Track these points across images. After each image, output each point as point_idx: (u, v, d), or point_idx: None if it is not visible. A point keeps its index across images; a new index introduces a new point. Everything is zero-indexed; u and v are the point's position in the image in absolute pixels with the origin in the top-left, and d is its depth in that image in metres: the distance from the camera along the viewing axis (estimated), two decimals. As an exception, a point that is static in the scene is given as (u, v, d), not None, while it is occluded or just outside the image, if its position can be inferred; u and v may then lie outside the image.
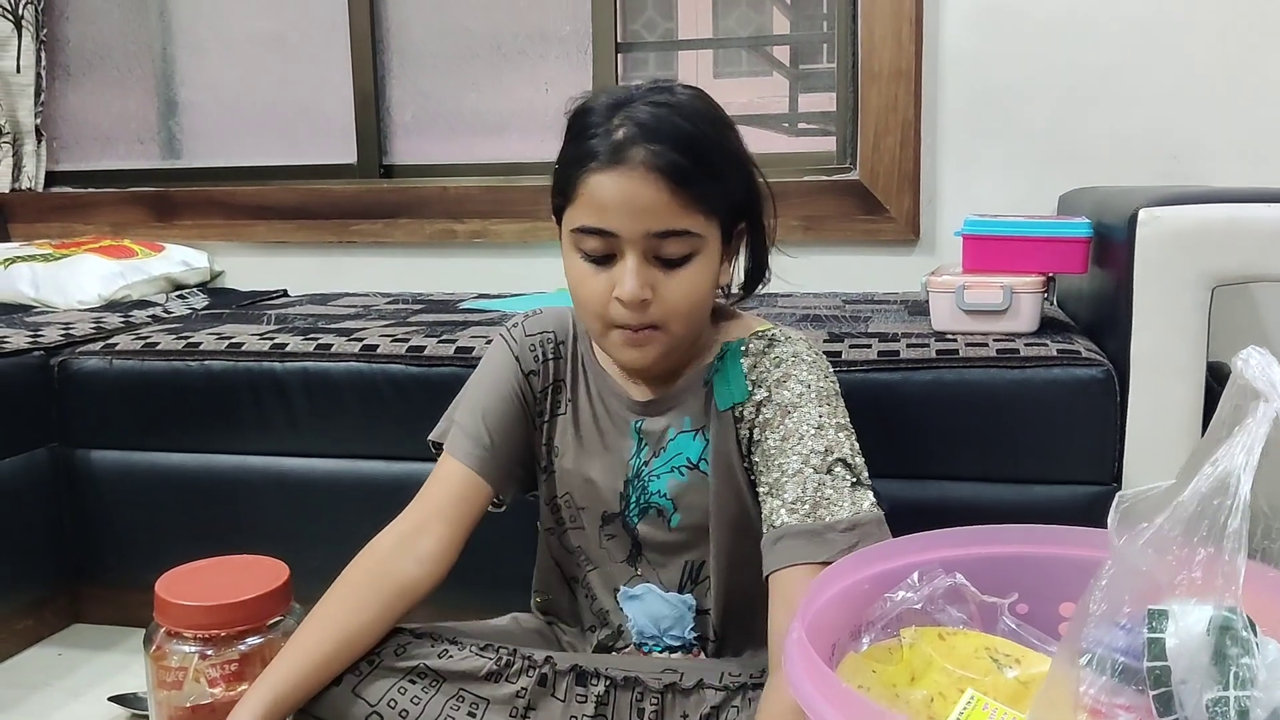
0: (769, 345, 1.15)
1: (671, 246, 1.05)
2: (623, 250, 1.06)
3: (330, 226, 2.61)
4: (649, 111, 1.04)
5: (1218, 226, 1.42)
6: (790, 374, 1.12)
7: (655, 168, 1.02)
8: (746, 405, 1.13)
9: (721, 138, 1.09)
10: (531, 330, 1.25)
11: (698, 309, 1.10)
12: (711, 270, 1.10)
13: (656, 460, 1.18)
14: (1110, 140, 2.18)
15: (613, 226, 1.05)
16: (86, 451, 1.81)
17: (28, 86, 2.74)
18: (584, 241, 1.07)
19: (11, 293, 2.36)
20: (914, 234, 2.29)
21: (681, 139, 1.03)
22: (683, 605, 1.20)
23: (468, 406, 1.23)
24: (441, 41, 2.66)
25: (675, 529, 1.18)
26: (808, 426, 1.08)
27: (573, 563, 1.27)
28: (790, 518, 1.05)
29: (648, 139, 1.03)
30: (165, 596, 1.28)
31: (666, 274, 1.07)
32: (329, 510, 1.71)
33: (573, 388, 1.22)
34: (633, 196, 1.03)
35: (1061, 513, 1.47)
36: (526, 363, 1.23)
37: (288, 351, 1.73)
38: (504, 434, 1.21)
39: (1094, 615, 0.70)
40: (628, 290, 1.05)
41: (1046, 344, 1.53)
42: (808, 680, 0.75)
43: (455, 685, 1.09)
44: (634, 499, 1.19)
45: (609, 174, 1.04)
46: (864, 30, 2.26)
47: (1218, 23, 2.11)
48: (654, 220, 1.04)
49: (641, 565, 1.21)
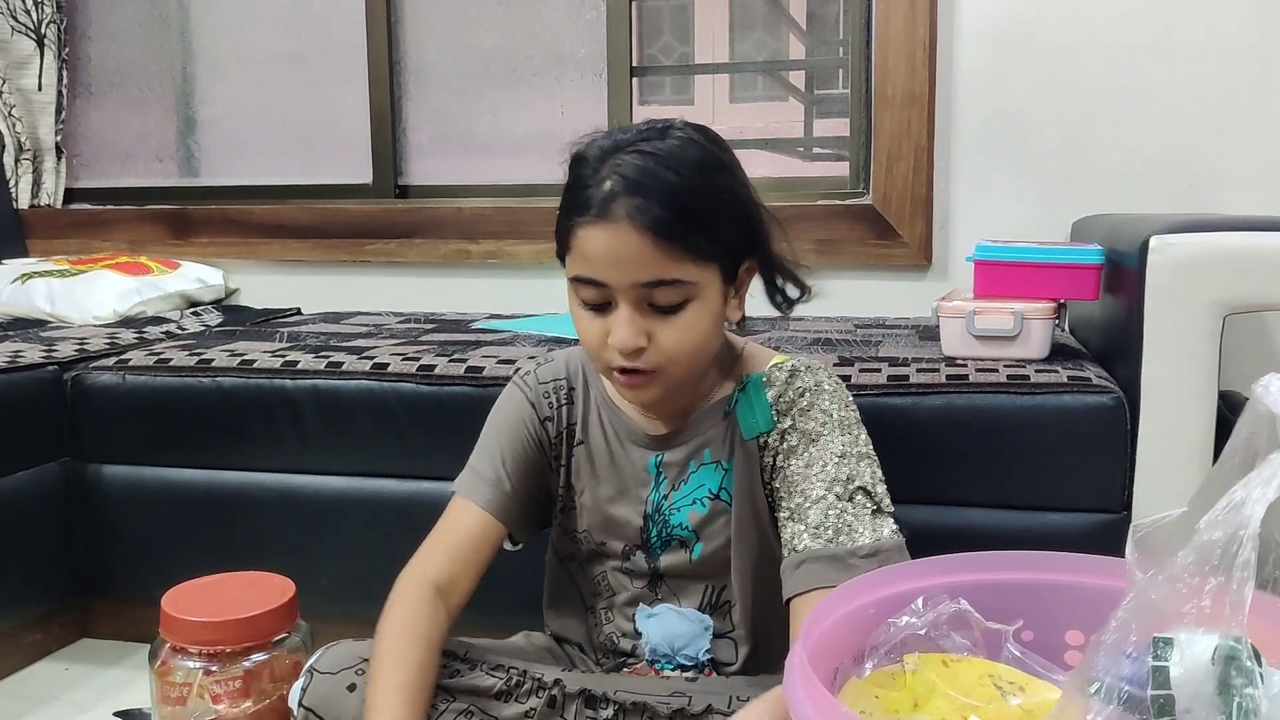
0: (791, 376, 1.16)
1: (663, 295, 1.06)
2: (615, 299, 1.07)
3: (345, 246, 2.62)
4: (635, 164, 1.04)
5: (1229, 254, 1.41)
6: (814, 404, 1.14)
7: (638, 222, 1.02)
8: (771, 434, 1.14)
9: (712, 184, 1.07)
10: (544, 378, 1.26)
11: (698, 352, 1.11)
12: (711, 313, 1.09)
13: (676, 493, 1.18)
14: (1124, 166, 2.18)
15: (602, 277, 1.06)
16: (98, 466, 1.82)
17: (49, 104, 2.78)
18: (580, 290, 1.09)
19: (28, 307, 2.38)
20: (926, 259, 2.28)
21: (665, 192, 1.03)
22: (700, 624, 1.20)
23: (485, 453, 1.23)
24: (457, 63, 2.68)
25: (697, 559, 1.19)
26: (831, 455, 1.11)
27: (591, 590, 1.27)
28: (813, 543, 1.06)
29: (631, 192, 1.03)
30: (171, 612, 1.28)
31: (662, 321, 1.07)
32: (338, 528, 1.71)
33: (585, 429, 1.23)
34: (618, 250, 1.04)
35: (1071, 540, 1.45)
36: (542, 409, 1.24)
37: (299, 369, 1.74)
38: (522, 478, 1.22)
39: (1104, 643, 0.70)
40: (619, 339, 1.06)
41: (1057, 370, 1.53)
42: (808, 704, 0.75)
43: (465, 702, 1.10)
44: (655, 532, 1.20)
45: (596, 228, 1.04)
46: (878, 55, 2.26)
47: (1234, 48, 2.11)
48: (641, 272, 1.04)
49: (662, 591, 1.22)
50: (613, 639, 1.25)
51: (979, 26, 2.23)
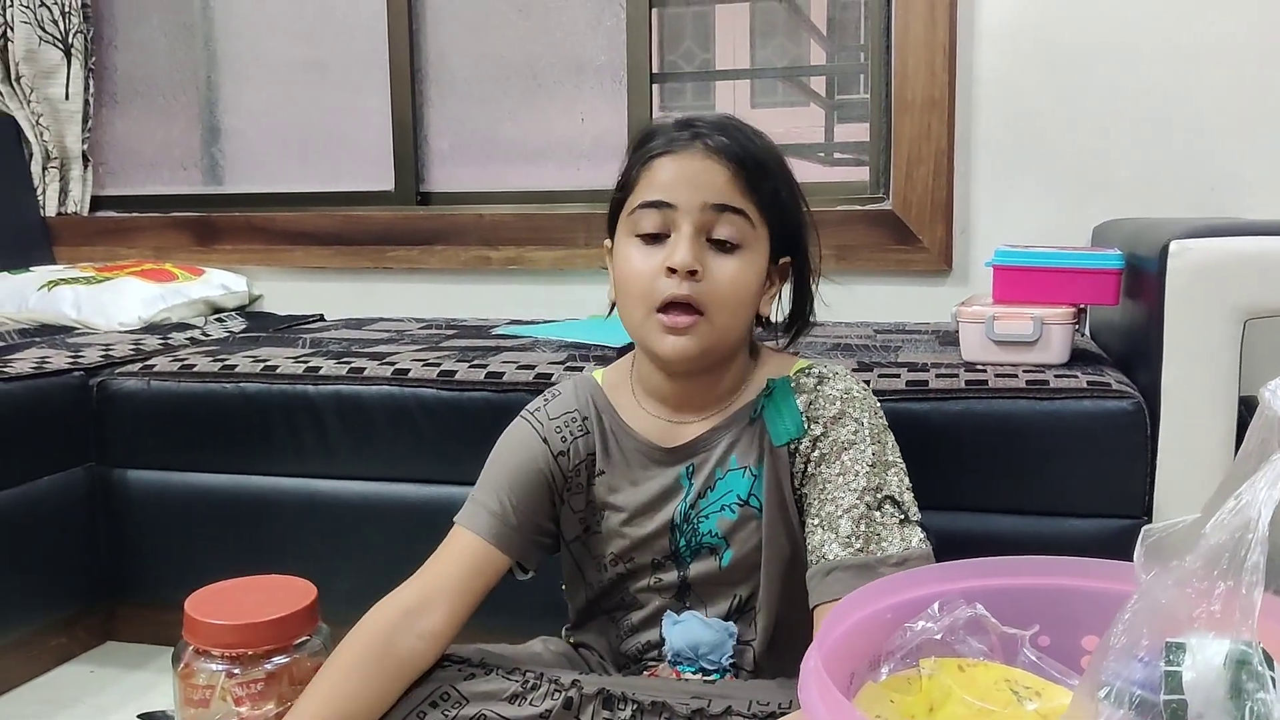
0: (820, 382, 1.17)
1: (724, 227, 1.10)
2: (678, 224, 1.10)
3: (367, 252, 2.64)
4: (715, 120, 1.13)
5: (1250, 259, 1.41)
6: (845, 412, 1.14)
7: (716, 151, 1.10)
8: (803, 440, 1.14)
9: (778, 161, 1.16)
10: (555, 413, 1.24)
11: (740, 305, 1.12)
12: (756, 272, 1.13)
13: (704, 501, 1.18)
14: (1146, 171, 2.17)
15: (671, 198, 1.10)
16: (123, 471, 1.84)
17: (76, 113, 2.81)
18: (641, 221, 1.12)
19: (54, 314, 2.40)
20: (946, 264, 2.28)
21: (744, 142, 1.12)
22: (724, 632, 1.20)
23: (488, 484, 1.22)
24: (479, 71, 2.69)
25: (727, 566, 1.18)
26: (862, 465, 1.11)
27: (616, 604, 1.27)
28: (843, 552, 1.07)
29: (712, 133, 1.11)
30: (194, 615, 1.29)
31: (718, 256, 1.11)
32: (359, 532, 1.72)
33: (605, 457, 1.23)
34: (694, 172, 1.10)
35: (1090, 546, 1.45)
36: (555, 445, 1.22)
37: (321, 375, 1.75)
38: (527, 511, 1.21)
39: (1114, 648, 0.70)
40: (679, 257, 1.08)
41: (1077, 376, 1.52)
42: (823, 709, 0.75)
43: (478, 706, 1.10)
44: (683, 541, 1.20)
45: (672, 156, 1.11)
46: (897, 60, 2.26)
47: (1256, 51, 2.10)
48: (712, 193, 1.10)
49: (690, 599, 1.22)
50: (636, 647, 1.25)
51: (999, 30, 2.23)
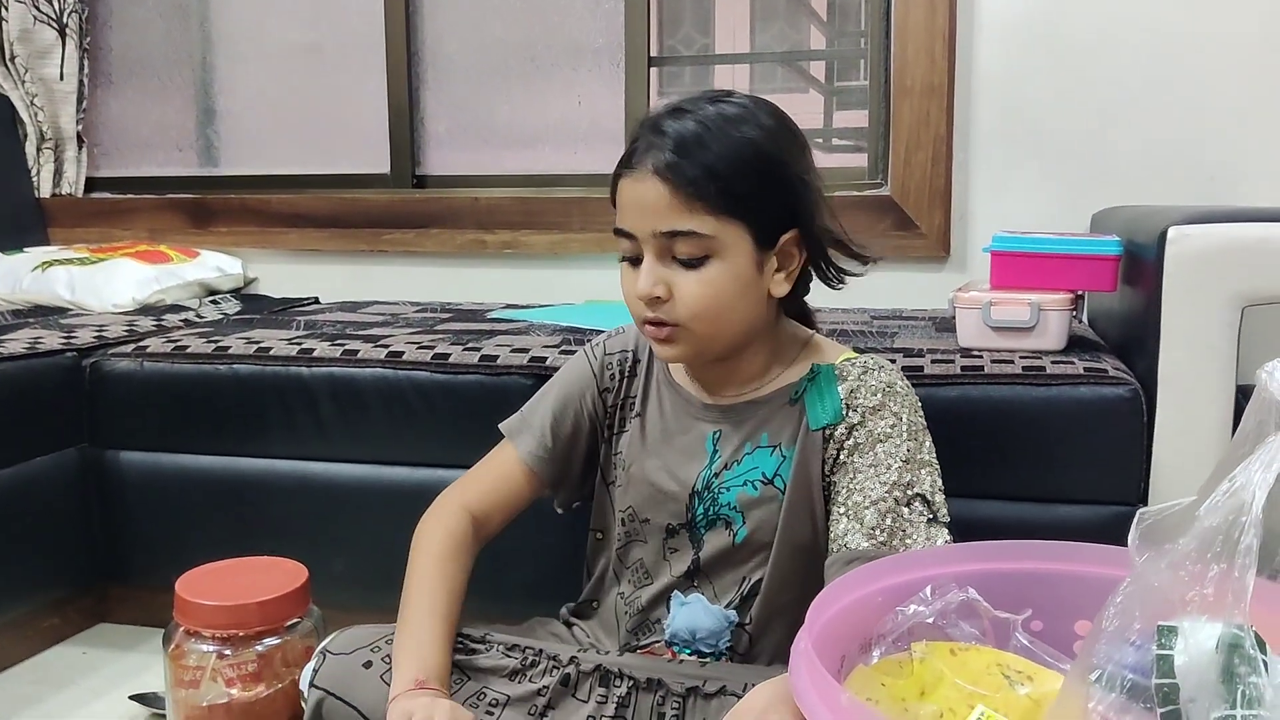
0: (865, 372, 1.17)
1: (682, 247, 1.09)
2: (641, 250, 1.11)
3: (363, 235, 2.63)
4: (668, 121, 1.10)
5: (1248, 245, 1.40)
6: (885, 404, 1.14)
7: (656, 170, 1.08)
8: (839, 427, 1.14)
9: (741, 142, 1.09)
10: (612, 349, 1.30)
11: (721, 312, 1.11)
12: (736, 275, 1.10)
13: (728, 472, 1.19)
14: (1145, 158, 2.16)
15: (628, 227, 1.11)
16: (116, 452, 1.83)
17: (70, 94, 2.79)
18: (619, 243, 1.14)
19: (49, 295, 2.39)
20: (945, 250, 2.27)
21: (686, 144, 1.08)
22: (725, 620, 1.20)
23: (539, 407, 1.30)
24: (475, 54, 2.68)
25: (740, 543, 1.18)
26: (895, 458, 1.11)
27: (626, 577, 1.27)
28: (866, 543, 1.07)
29: (658, 145, 1.08)
30: (185, 596, 1.29)
31: (684, 274, 1.10)
32: (353, 515, 1.72)
33: (643, 401, 1.26)
34: (642, 199, 1.09)
35: (1086, 532, 1.44)
36: (603, 380, 1.29)
37: (315, 357, 1.74)
38: (568, 441, 1.28)
39: (1106, 631, 0.69)
40: (639, 287, 1.11)
41: (1073, 362, 1.52)
42: (813, 691, 0.74)
43: (478, 683, 1.11)
44: (701, 510, 1.20)
45: (627, 179, 1.11)
46: (896, 46, 2.25)
47: (1255, 40, 2.09)
48: (658, 220, 1.09)
49: (699, 578, 1.21)
50: (640, 625, 1.24)
51: (998, 17, 2.21)
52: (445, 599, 1.15)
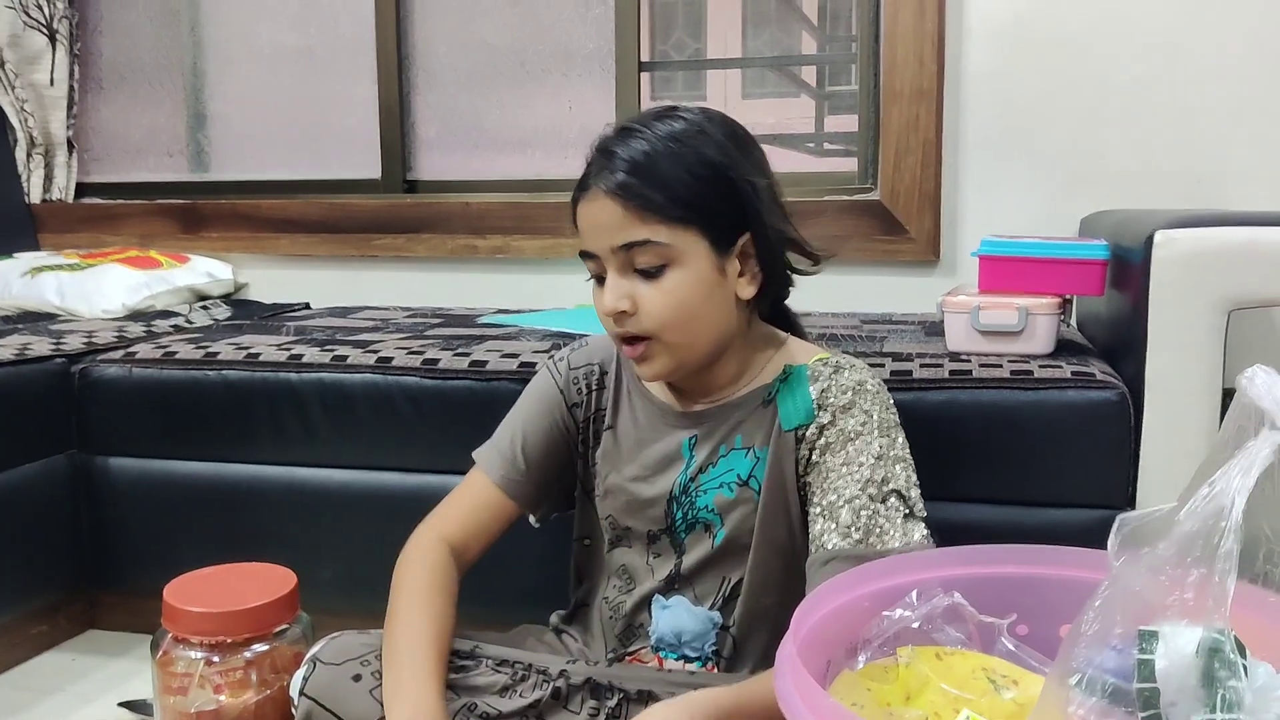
0: (835, 371, 1.17)
1: (640, 258, 1.10)
2: (604, 268, 1.13)
3: (353, 240, 2.63)
4: (614, 140, 1.12)
5: (1234, 249, 1.40)
6: (855, 403, 1.14)
7: (606, 190, 1.10)
8: (810, 427, 1.14)
9: (685, 150, 1.10)
10: (576, 364, 1.30)
11: (689, 319, 1.12)
12: (697, 280, 1.11)
13: (704, 475, 1.19)
14: (1133, 163, 2.17)
15: (589, 246, 1.13)
16: (105, 459, 1.82)
17: (60, 99, 2.79)
18: (586, 265, 1.15)
19: (38, 301, 2.39)
20: (934, 255, 2.28)
21: (630, 158, 1.10)
22: (709, 622, 1.20)
23: (508, 430, 1.29)
24: (466, 58, 2.68)
25: (719, 545, 1.19)
26: (867, 456, 1.11)
27: (610, 584, 1.27)
28: (842, 542, 1.07)
29: (605, 167, 1.11)
30: (173, 602, 1.29)
31: (646, 285, 1.11)
32: (342, 520, 1.72)
33: (614, 414, 1.26)
34: (596, 217, 1.11)
35: (1074, 536, 1.42)
36: (570, 395, 1.28)
37: (304, 362, 1.74)
38: (540, 461, 1.27)
39: (1086, 635, 0.69)
40: (603, 303, 1.12)
41: (1061, 366, 1.52)
42: (798, 696, 0.75)
43: (467, 699, 1.10)
44: (680, 514, 1.20)
45: (582, 203, 1.13)
46: (886, 50, 2.26)
47: (1244, 44, 2.10)
48: (615, 235, 1.10)
49: (681, 582, 1.22)
50: (626, 630, 1.25)
51: (988, 22, 2.22)
52: (433, 636, 1.11)
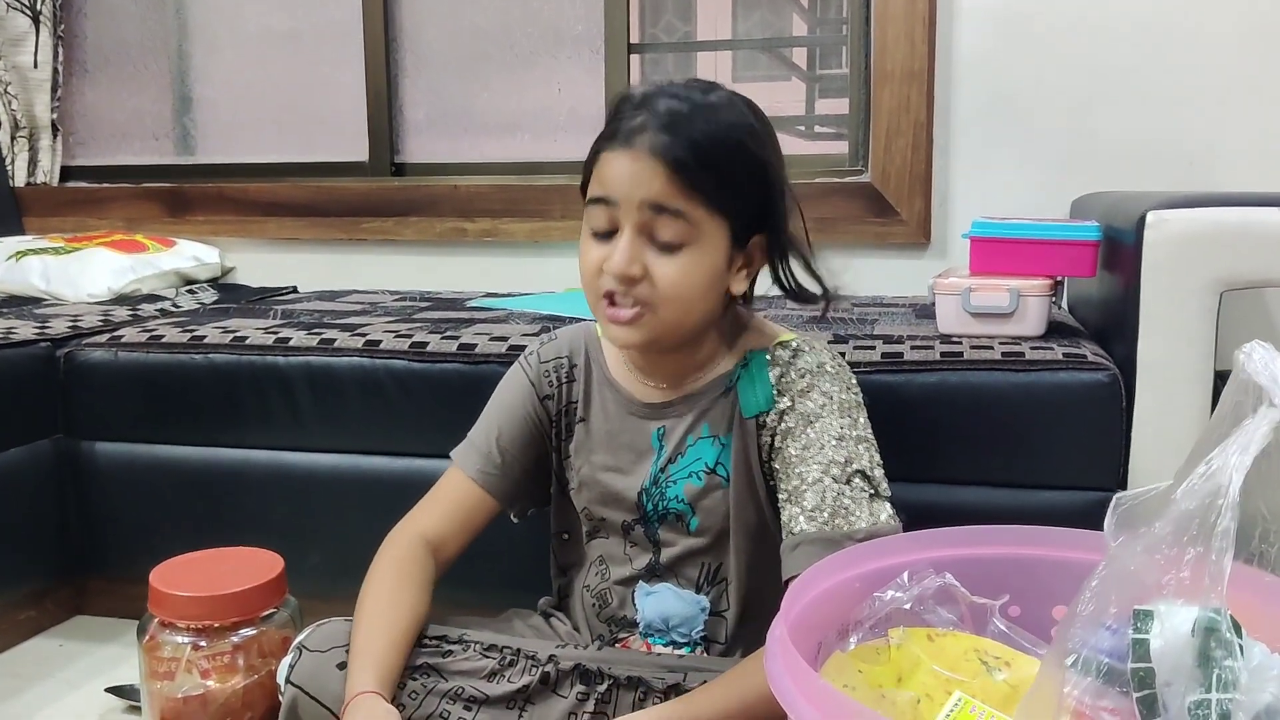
0: (794, 355, 1.16)
1: (665, 228, 1.07)
2: (621, 222, 1.08)
3: (341, 224, 2.61)
4: (669, 106, 1.08)
5: (1226, 230, 1.40)
6: (814, 385, 1.13)
7: (657, 153, 1.06)
8: (770, 413, 1.14)
9: (736, 140, 1.09)
10: (546, 357, 1.29)
11: (690, 299, 1.10)
12: (708, 266, 1.10)
13: (674, 466, 1.19)
14: (1125, 144, 2.16)
15: (612, 194, 1.08)
16: (91, 443, 1.81)
17: (45, 82, 2.76)
18: (592, 215, 1.11)
19: (23, 285, 2.37)
20: (925, 237, 2.27)
21: (690, 134, 1.06)
22: (696, 605, 1.20)
23: (483, 427, 1.28)
24: (454, 41, 2.66)
25: (694, 533, 1.19)
26: (829, 437, 1.10)
27: (591, 571, 1.27)
28: (809, 525, 1.06)
29: (658, 129, 1.07)
30: (159, 587, 1.28)
31: (659, 256, 1.08)
32: (329, 505, 1.71)
33: (586, 405, 1.25)
34: (635, 171, 1.07)
35: (1065, 518, 1.42)
36: (542, 389, 1.27)
37: (291, 346, 1.73)
38: (517, 456, 1.27)
39: (1082, 615, 0.69)
40: (615, 262, 1.08)
41: (1052, 348, 1.51)
42: (789, 678, 0.74)
43: (455, 683, 1.10)
44: (651, 506, 1.20)
45: (618, 152, 1.08)
46: (877, 31, 2.24)
47: (1235, 26, 2.09)
48: (649, 191, 1.07)
49: (662, 570, 1.22)
50: (611, 617, 1.25)
51: (979, 3, 2.21)
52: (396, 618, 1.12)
